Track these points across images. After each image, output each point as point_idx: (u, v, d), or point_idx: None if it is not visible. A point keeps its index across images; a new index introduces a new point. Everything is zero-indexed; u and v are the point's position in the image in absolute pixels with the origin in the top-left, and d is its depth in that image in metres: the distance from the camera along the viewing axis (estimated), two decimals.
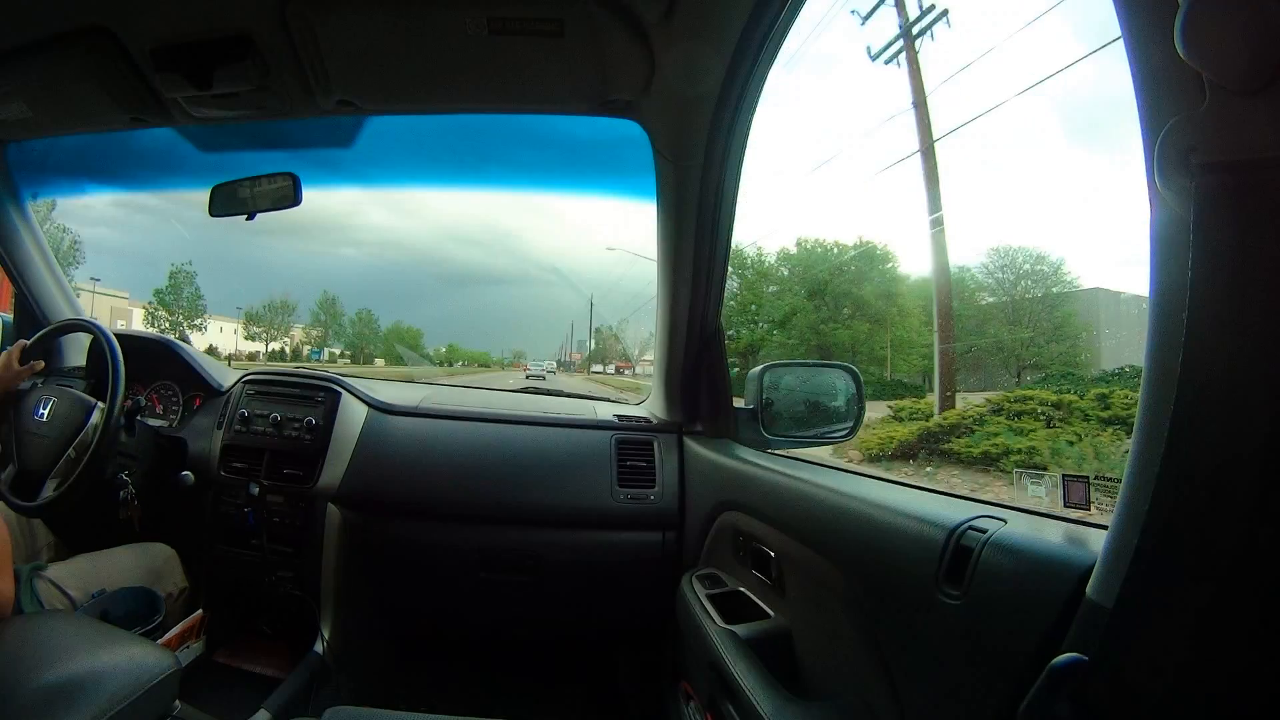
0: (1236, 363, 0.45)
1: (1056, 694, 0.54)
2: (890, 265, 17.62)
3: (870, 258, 17.46)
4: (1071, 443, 7.87)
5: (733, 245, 1.57)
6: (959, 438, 8.62)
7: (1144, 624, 0.50)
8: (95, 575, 1.49)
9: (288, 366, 2.13)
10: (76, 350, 2.03)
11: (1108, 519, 0.63)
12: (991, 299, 15.93)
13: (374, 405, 1.87)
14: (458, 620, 1.94)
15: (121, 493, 1.62)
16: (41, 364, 1.64)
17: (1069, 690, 0.54)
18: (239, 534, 1.75)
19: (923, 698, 0.83)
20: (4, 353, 1.59)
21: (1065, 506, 0.84)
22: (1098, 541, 0.65)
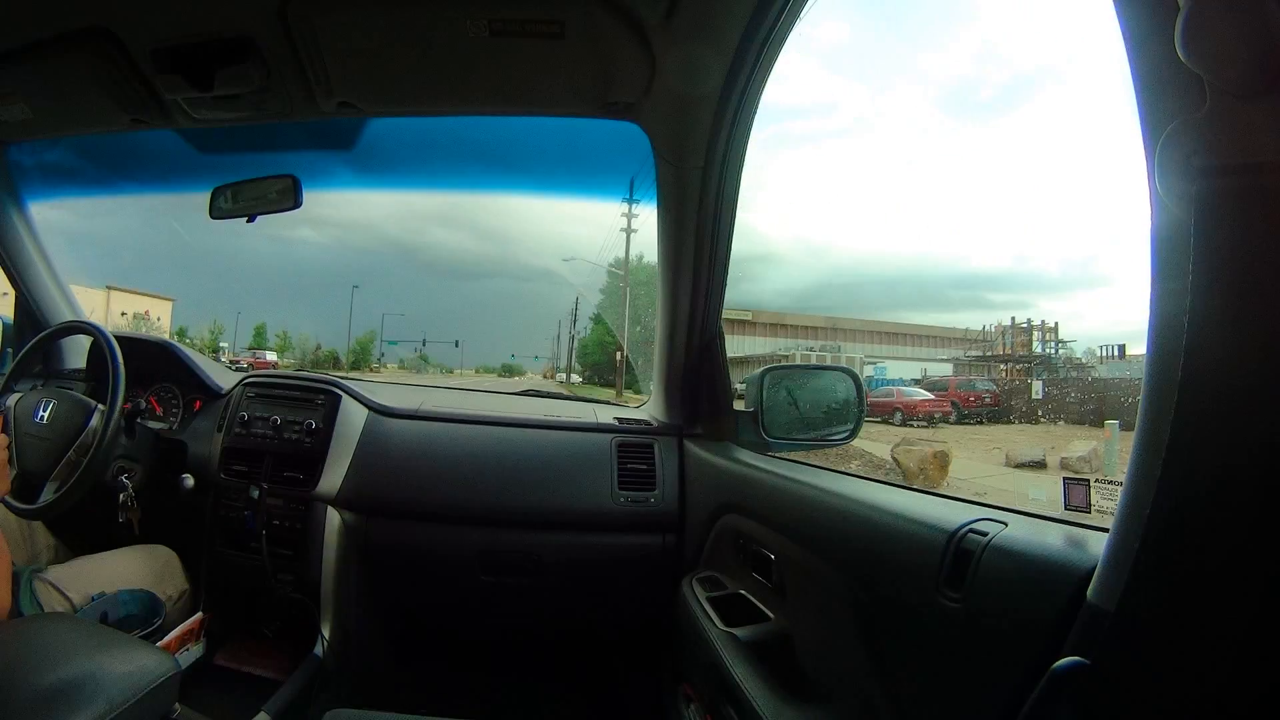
0: (1237, 366, 0.45)
1: (1058, 698, 0.54)
2: None
3: None
4: None
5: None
6: None
7: (1145, 627, 0.50)
8: (95, 578, 1.49)
9: (288, 370, 2.13)
10: (76, 353, 2.03)
11: (1109, 522, 0.63)
12: None
13: (374, 408, 1.87)
14: (458, 623, 1.93)
15: (121, 495, 1.62)
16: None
17: (1070, 694, 0.54)
18: (239, 537, 1.74)
19: (923, 701, 0.82)
20: None
21: (1066, 509, 0.84)
22: (1099, 544, 0.65)
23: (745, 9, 1.08)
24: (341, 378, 2.02)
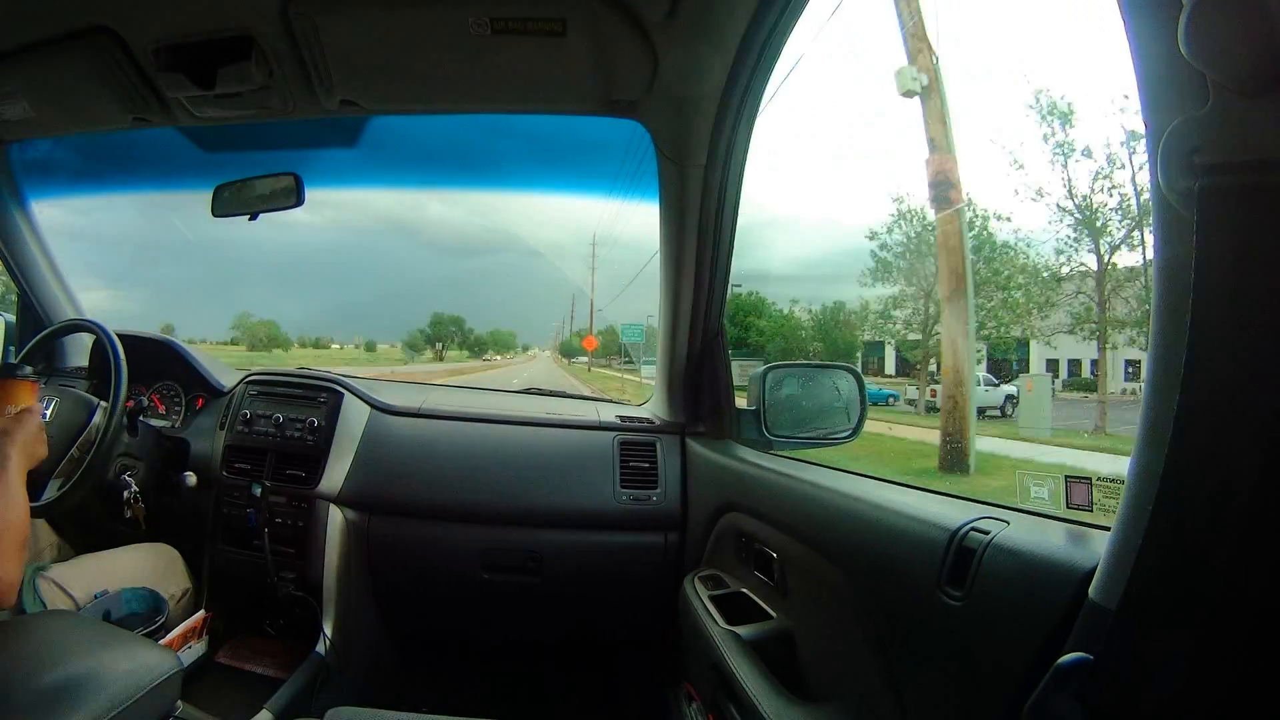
0: (1240, 364, 0.45)
1: (1061, 694, 0.54)
2: None
3: None
4: None
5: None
6: None
7: (1147, 625, 0.50)
8: (98, 576, 1.49)
9: (290, 367, 2.13)
10: (79, 351, 2.04)
11: (1110, 520, 0.63)
12: None
13: (376, 406, 1.87)
14: (460, 621, 1.94)
15: (124, 493, 1.62)
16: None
17: (1074, 690, 0.54)
18: (241, 534, 1.75)
19: (926, 698, 0.83)
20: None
21: (1067, 508, 0.84)
22: (1100, 543, 0.65)
23: (747, 8, 1.08)
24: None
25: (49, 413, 1.53)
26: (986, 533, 0.77)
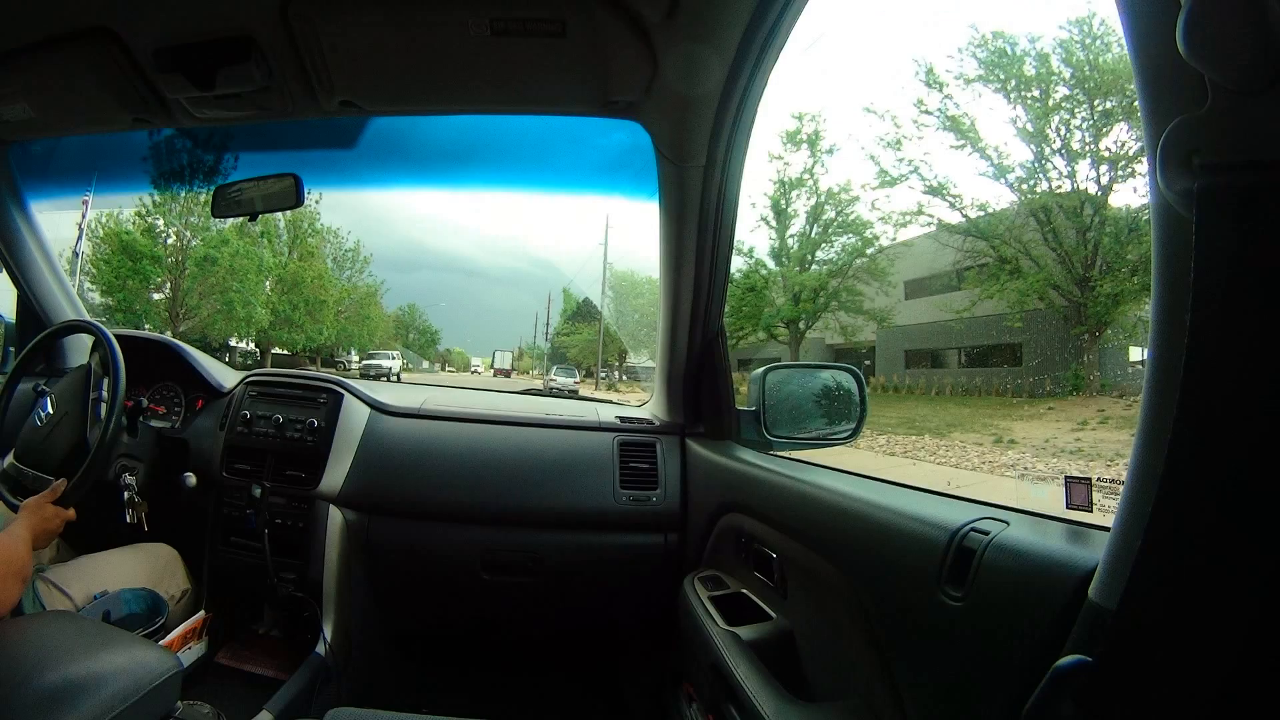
0: (1240, 364, 0.45)
1: (1060, 696, 0.54)
2: None
3: None
4: None
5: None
6: None
7: (1147, 626, 0.50)
8: (97, 576, 1.49)
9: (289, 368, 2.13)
10: (79, 351, 2.04)
11: (1110, 521, 0.63)
12: None
13: (376, 407, 1.87)
14: (459, 622, 1.94)
15: (124, 494, 1.62)
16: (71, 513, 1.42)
17: (1073, 692, 0.54)
18: (241, 535, 1.75)
19: (926, 700, 0.82)
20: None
21: (1067, 508, 0.84)
22: (1100, 543, 0.65)
23: (746, 9, 1.08)
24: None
25: (45, 415, 1.54)
26: (986, 533, 0.77)
